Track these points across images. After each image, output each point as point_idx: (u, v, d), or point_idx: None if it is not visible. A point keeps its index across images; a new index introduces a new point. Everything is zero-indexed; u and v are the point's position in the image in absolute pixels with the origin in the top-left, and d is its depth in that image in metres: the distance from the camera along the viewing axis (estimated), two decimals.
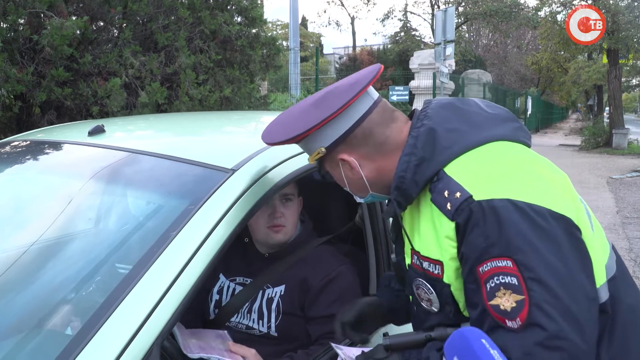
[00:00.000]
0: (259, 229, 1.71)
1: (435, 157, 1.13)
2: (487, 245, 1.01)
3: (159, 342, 0.99)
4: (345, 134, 1.18)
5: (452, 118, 1.18)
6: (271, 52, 6.88)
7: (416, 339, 1.16)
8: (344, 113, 1.16)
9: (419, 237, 1.15)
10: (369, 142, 1.20)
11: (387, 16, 32.06)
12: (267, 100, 7.26)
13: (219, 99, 5.78)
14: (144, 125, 2.04)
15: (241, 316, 1.70)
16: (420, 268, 1.14)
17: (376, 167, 1.21)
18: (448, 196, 1.07)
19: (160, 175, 1.40)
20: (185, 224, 1.14)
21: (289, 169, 1.39)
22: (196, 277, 1.07)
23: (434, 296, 1.13)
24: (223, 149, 1.52)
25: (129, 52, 4.89)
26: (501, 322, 0.99)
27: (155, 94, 4.91)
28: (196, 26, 5.54)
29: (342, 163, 1.21)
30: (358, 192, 1.27)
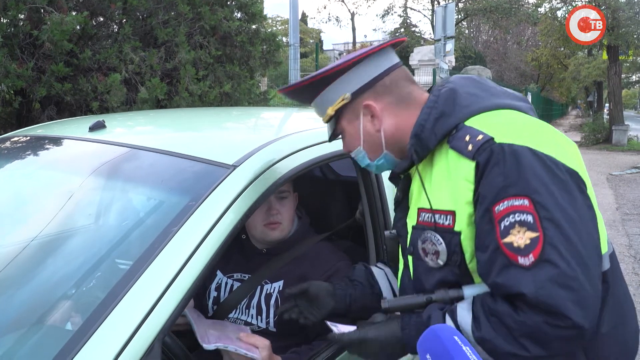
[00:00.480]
0: (256, 227, 1.71)
1: (455, 113, 1.17)
2: (505, 184, 1.04)
3: (160, 338, 0.99)
4: (375, 79, 1.22)
5: (472, 85, 1.24)
6: (271, 48, 6.87)
7: (416, 301, 1.17)
8: (374, 58, 1.22)
9: (430, 191, 1.18)
10: (394, 92, 1.24)
11: (387, 12, 32.02)
12: (267, 96, 7.24)
13: (218, 94, 5.77)
14: (144, 121, 2.04)
15: (239, 312, 1.71)
16: (430, 222, 1.16)
17: (395, 122, 1.24)
18: (469, 140, 1.11)
19: (161, 171, 1.40)
20: (187, 219, 1.14)
21: (289, 165, 1.39)
22: (197, 273, 1.08)
23: (443, 247, 1.14)
24: (224, 145, 1.52)
25: (128, 48, 4.89)
26: (513, 259, 1.01)
27: (155, 90, 4.91)
28: (196, 22, 5.53)
29: (365, 112, 1.24)
30: (372, 151, 1.28)
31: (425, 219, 1.18)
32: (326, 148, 1.54)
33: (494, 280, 1.05)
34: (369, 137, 1.26)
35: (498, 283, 1.04)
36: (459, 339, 0.89)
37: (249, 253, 1.78)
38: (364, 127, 1.26)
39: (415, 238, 1.21)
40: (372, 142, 1.26)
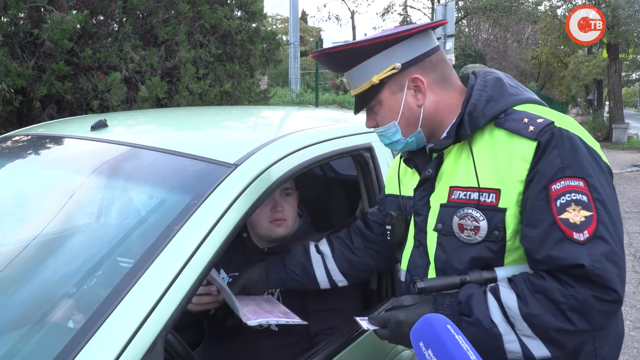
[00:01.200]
0: (261, 224, 1.71)
1: (504, 99, 1.24)
2: (562, 165, 1.11)
3: (163, 335, 1.00)
4: (426, 54, 1.27)
5: (510, 80, 1.33)
6: (271, 46, 6.87)
7: (451, 282, 1.19)
8: (424, 35, 1.27)
9: (475, 169, 1.21)
10: (439, 70, 1.29)
11: (387, 10, 31.96)
12: (267, 94, 7.24)
13: (219, 93, 5.78)
14: (145, 120, 2.04)
15: None
16: (470, 200, 1.20)
17: (435, 100, 1.28)
18: (528, 122, 1.17)
19: (163, 170, 1.41)
20: (188, 218, 1.15)
21: (290, 164, 1.40)
22: (199, 272, 1.08)
23: (484, 223, 1.17)
24: (225, 144, 1.53)
25: (129, 46, 4.89)
26: (569, 234, 1.08)
27: (156, 88, 4.91)
28: (196, 20, 5.53)
29: (410, 85, 1.26)
30: (407, 127, 1.30)
31: (462, 197, 1.22)
32: (326, 147, 1.55)
33: (549, 254, 1.09)
34: (409, 111, 1.28)
35: (553, 256, 1.09)
36: (452, 328, 0.91)
37: (250, 252, 1.78)
38: (407, 100, 1.27)
39: (448, 215, 1.23)
40: (410, 117, 1.29)
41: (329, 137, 1.59)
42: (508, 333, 1.11)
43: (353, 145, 1.65)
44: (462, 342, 0.88)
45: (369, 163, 1.68)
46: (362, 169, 1.69)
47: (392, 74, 1.25)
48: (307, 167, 1.43)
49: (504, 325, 1.11)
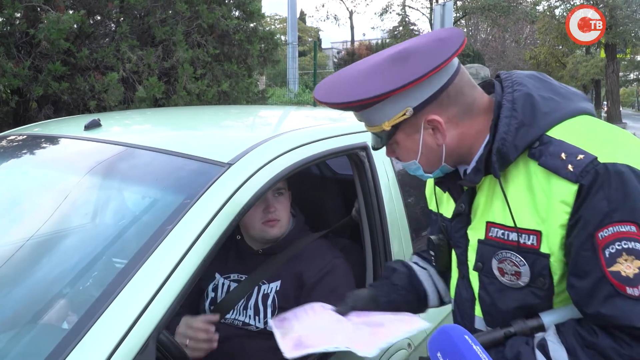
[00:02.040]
0: (254, 225, 1.70)
1: (537, 122, 1.07)
2: (610, 209, 0.97)
3: (154, 336, 0.99)
4: (440, 90, 1.10)
5: (542, 87, 1.13)
6: (269, 46, 6.87)
7: (494, 337, 1.10)
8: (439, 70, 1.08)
9: (509, 208, 1.08)
10: (460, 102, 1.12)
11: (385, 10, 31.98)
12: (265, 94, 7.24)
13: (216, 93, 5.77)
14: (140, 120, 2.03)
15: (237, 312, 1.70)
16: (508, 241, 1.08)
17: (458, 133, 1.14)
18: (567, 158, 1.01)
19: (156, 170, 1.40)
20: (181, 218, 1.14)
21: (284, 163, 1.39)
22: (192, 271, 1.07)
23: (526, 268, 1.07)
24: (219, 144, 1.52)
25: (126, 47, 4.88)
26: (621, 289, 0.96)
27: (153, 89, 4.90)
28: (194, 20, 5.52)
29: (427, 126, 1.12)
30: (428, 165, 1.18)
31: (499, 235, 1.11)
32: (321, 146, 1.54)
33: (598, 311, 0.98)
34: (429, 151, 1.16)
35: (603, 314, 0.98)
36: (469, 338, 0.89)
37: (244, 254, 1.77)
38: (425, 141, 1.15)
39: (487, 256, 1.13)
40: (430, 156, 1.17)
41: (323, 136, 1.58)
42: None
43: (348, 145, 1.65)
44: (479, 352, 0.86)
45: (364, 162, 1.67)
46: (358, 168, 1.68)
47: (405, 119, 1.11)
48: (301, 166, 1.42)
49: None
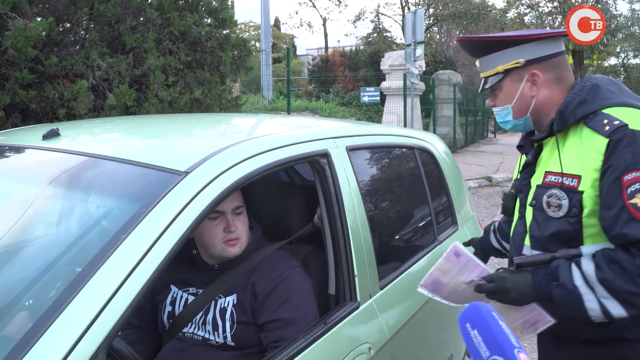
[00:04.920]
0: (214, 245, 1.69)
1: (595, 102, 1.49)
2: (633, 160, 1.36)
3: (105, 346, 0.98)
4: (550, 56, 1.56)
5: (611, 84, 1.55)
6: (242, 53, 6.85)
7: (543, 258, 1.48)
8: (553, 40, 1.56)
9: (559, 158, 1.51)
10: (556, 72, 1.57)
11: (358, 17, 32.22)
12: (239, 101, 7.21)
13: (189, 100, 5.73)
14: (101, 129, 2.02)
15: (196, 327, 1.69)
16: (557, 183, 1.50)
17: (546, 94, 1.57)
18: (607, 123, 1.42)
19: (112, 179, 1.38)
20: (135, 226, 1.13)
21: (243, 171, 1.39)
22: (144, 281, 1.07)
23: (566, 202, 1.47)
24: (177, 152, 1.51)
25: (96, 54, 4.82)
26: (636, 216, 1.34)
27: (124, 96, 4.85)
28: (165, 27, 5.48)
29: (529, 78, 1.57)
30: (518, 112, 1.61)
31: (552, 180, 1.52)
32: (281, 153, 1.54)
33: (620, 231, 1.36)
34: (523, 99, 1.59)
35: (623, 233, 1.35)
36: (496, 315, 1.07)
37: (200, 268, 1.76)
38: (522, 90, 1.58)
39: (540, 194, 1.54)
40: (522, 104, 1.60)
41: (283, 144, 1.59)
42: (587, 294, 1.38)
43: (309, 152, 1.66)
44: (504, 326, 1.04)
45: (325, 169, 1.69)
46: (319, 175, 1.69)
47: (515, 67, 1.56)
48: (260, 174, 1.42)
49: (584, 288, 1.39)
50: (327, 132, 1.89)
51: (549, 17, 22.71)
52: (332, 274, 1.69)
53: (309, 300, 1.69)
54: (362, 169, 1.98)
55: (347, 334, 1.59)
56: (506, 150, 19.90)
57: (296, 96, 18.84)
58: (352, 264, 1.68)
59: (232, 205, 1.68)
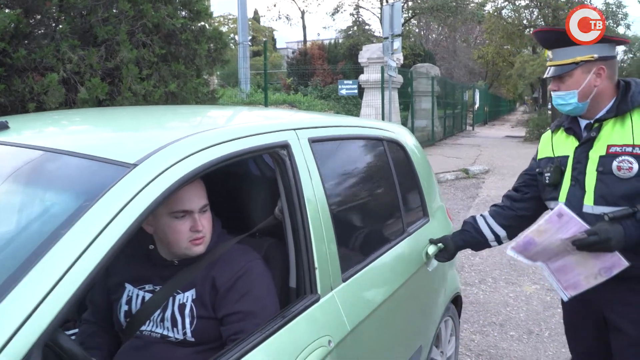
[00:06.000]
0: (179, 244, 1.65)
1: None
2: None
3: (40, 344, 0.96)
4: (612, 57, 2.04)
5: None
6: (218, 46, 6.78)
7: (628, 211, 1.86)
8: (615, 44, 2.06)
9: (627, 133, 1.94)
10: (613, 70, 2.04)
11: (336, 10, 32.16)
12: (215, 95, 7.14)
13: (164, 94, 5.65)
14: (55, 121, 1.97)
15: (154, 324, 1.66)
16: (625, 152, 1.91)
17: (604, 86, 2.01)
18: None
19: (58, 172, 1.35)
20: (77, 220, 1.10)
21: (195, 163, 1.36)
22: (84, 277, 1.04)
23: (636, 165, 1.89)
24: (129, 144, 1.48)
25: (66, 46, 4.73)
26: None
27: (96, 90, 4.76)
28: (138, 19, 5.39)
29: (596, 71, 1.99)
30: (581, 97, 2.01)
31: (618, 150, 1.93)
32: (238, 145, 1.52)
33: None
34: (587, 87, 2.00)
35: None
36: None
37: (158, 264, 1.72)
38: (589, 80, 2.00)
39: (608, 161, 1.93)
40: (586, 92, 2.01)
41: (240, 135, 1.56)
42: None
43: (268, 143, 1.63)
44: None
45: (285, 161, 1.67)
46: (280, 167, 1.68)
47: (590, 60, 1.98)
48: (214, 166, 1.40)
49: None
50: (287, 124, 1.87)
51: (526, 11, 22.92)
52: (293, 267, 1.68)
53: (269, 292, 1.68)
54: (326, 160, 1.97)
55: (306, 326, 1.58)
56: (484, 143, 20.09)
57: (275, 89, 18.77)
58: (313, 257, 1.67)
59: (200, 204, 1.65)
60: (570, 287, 2.00)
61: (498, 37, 24.16)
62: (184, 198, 1.60)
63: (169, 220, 1.62)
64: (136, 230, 1.16)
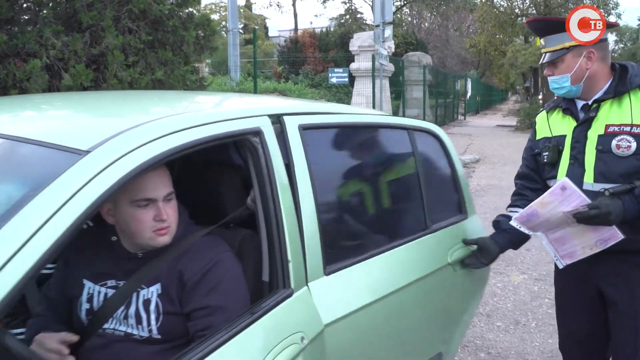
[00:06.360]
0: (142, 234, 1.55)
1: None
2: None
3: None
4: (604, 39, 2.11)
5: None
6: (206, 33, 6.68)
7: (626, 187, 1.95)
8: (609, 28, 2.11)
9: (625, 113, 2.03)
10: (605, 52, 2.12)
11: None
12: (204, 82, 7.04)
13: (150, 81, 5.57)
14: (18, 106, 1.87)
15: (117, 322, 1.57)
16: (623, 131, 2.00)
17: (596, 69, 2.09)
18: None
19: (4, 160, 1.27)
20: (19, 210, 1.03)
21: (155, 150, 1.28)
22: (26, 269, 0.97)
23: (634, 144, 1.98)
24: (84, 130, 1.39)
25: (50, 32, 4.64)
26: None
27: (80, 77, 4.67)
28: (124, 5, 5.28)
29: (586, 54, 2.08)
30: (574, 80, 2.10)
31: (616, 130, 2.02)
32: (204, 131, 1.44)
33: None
34: (579, 70, 2.09)
35: None
36: None
37: (121, 257, 1.63)
38: (580, 63, 2.08)
39: (607, 140, 2.02)
40: (578, 75, 2.09)
41: (208, 121, 1.48)
42: None
43: (238, 129, 1.55)
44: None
45: (257, 149, 1.58)
46: (252, 155, 1.59)
47: (579, 44, 2.06)
48: (177, 153, 1.33)
49: None
50: (261, 109, 1.77)
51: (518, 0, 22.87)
52: (266, 260, 1.60)
53: (239, 286, 1.61)
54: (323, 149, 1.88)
55: (277, 322, 1.51)
56: (475, 132, 20.09)
57: (266, 78, 18.64)
58: (286, 249, 1.59)
59: (164, 192, 1.56)
60: (566, 256, 2.11)
61: (490, 25, 24.11)
62: (147, 186, 1.52)
63: (131, 210, 1.53)
64: (86, 220, 1.10)
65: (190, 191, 1.80)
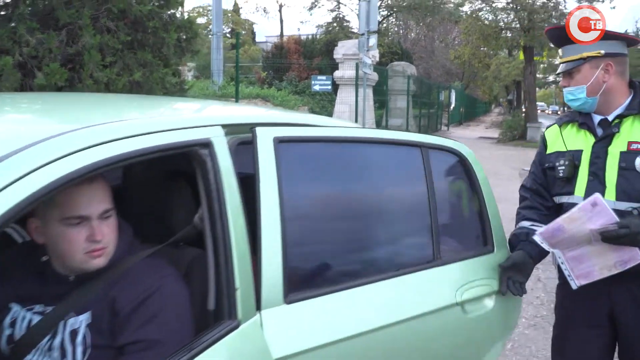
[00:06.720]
0: (73, 256, 1.38)
1: None
2: None
3: None
4: (621, 54, 2.07)
5: None
6: (188, 35, 6.60)
7: None
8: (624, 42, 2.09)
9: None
10: (623, 67, 2.08)
11: (314, 5, 32.03)
12: (184, 86, 6.94)
13: (128, 83, 5.47)
14: None
15: (41, 354, 1.38)
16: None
17: (614, 83, 2.05)
18: None
19: None
20: None
21: (78, 163, 1.14)
22: None
23: None
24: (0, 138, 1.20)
25: (24, 29, 4.53)
26: None
27: (54, 76, 4.57)
28: (103, 4, 5.20)
29: (604, 67, 2.03)
30: (590, 92, 2.05)
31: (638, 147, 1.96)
32: (143, 142, 1.29)
33: None
34: (596, 83, 2.04)
35: None
36: None
37: (51, 280, 1.45)
38: (597, 75, 2.04)
39: (631, 158, 1.96)
40: (594, 87, 2.04)
41: (147, 131, 1.32)
42: None
43: (185, 140, 1.40)
44: None
45: (206, 162, 1.43)
46: (201, 168, 1.44)
47: (597, 56, 2.03)
48: (110, 165, 1.19)
49: None
50: (213, 118, 1.61)
51: (503, 13, 23.11)
52: (212, 286, 1.43)
53: (181, 317, 1.44)
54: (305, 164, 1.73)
55: (219, 358, 1.35)
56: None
57: (249, 83, 18.54)
58: (233, 275, 1.42)
59: (99, 209, 1.39)
60: (582, 276, 2.00)
61: (475, 38, 24.32)
62: (79, 202, 1.35)
63: (61, 228, 1.36)
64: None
65: (139, 206, 1.64)
